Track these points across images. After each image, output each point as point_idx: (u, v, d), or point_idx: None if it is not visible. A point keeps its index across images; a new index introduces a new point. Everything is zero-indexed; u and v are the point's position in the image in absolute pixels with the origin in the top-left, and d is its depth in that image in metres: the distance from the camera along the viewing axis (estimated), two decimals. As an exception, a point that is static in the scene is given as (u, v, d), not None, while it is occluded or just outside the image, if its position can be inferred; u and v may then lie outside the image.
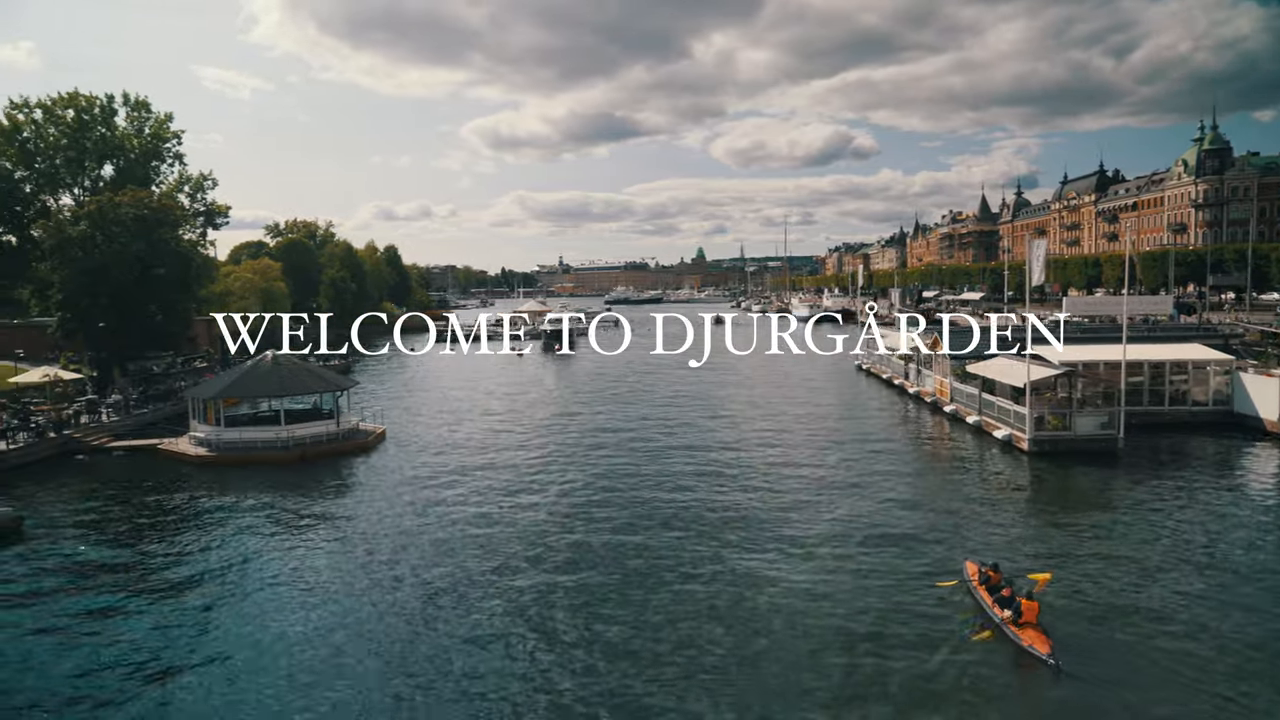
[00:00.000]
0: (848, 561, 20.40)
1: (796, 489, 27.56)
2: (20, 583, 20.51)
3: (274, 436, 34.80)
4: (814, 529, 23.11)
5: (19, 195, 69.13)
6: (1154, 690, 14.14)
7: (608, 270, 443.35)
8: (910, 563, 20.22)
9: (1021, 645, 15.24)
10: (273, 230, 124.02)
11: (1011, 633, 15.62)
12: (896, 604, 17.77)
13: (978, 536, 22.26)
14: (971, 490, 27.85)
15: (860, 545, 21.58)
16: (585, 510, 25.53)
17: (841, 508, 25.15)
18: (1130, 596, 18.06)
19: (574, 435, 38.11)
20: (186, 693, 14.80)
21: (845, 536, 22.33)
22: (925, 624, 16.80)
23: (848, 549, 21.32)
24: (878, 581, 19.07)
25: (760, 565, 20.28)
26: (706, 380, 58.45)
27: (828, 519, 24.04)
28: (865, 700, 14.04)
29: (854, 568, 19.97)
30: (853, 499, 26.12)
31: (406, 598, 18.85)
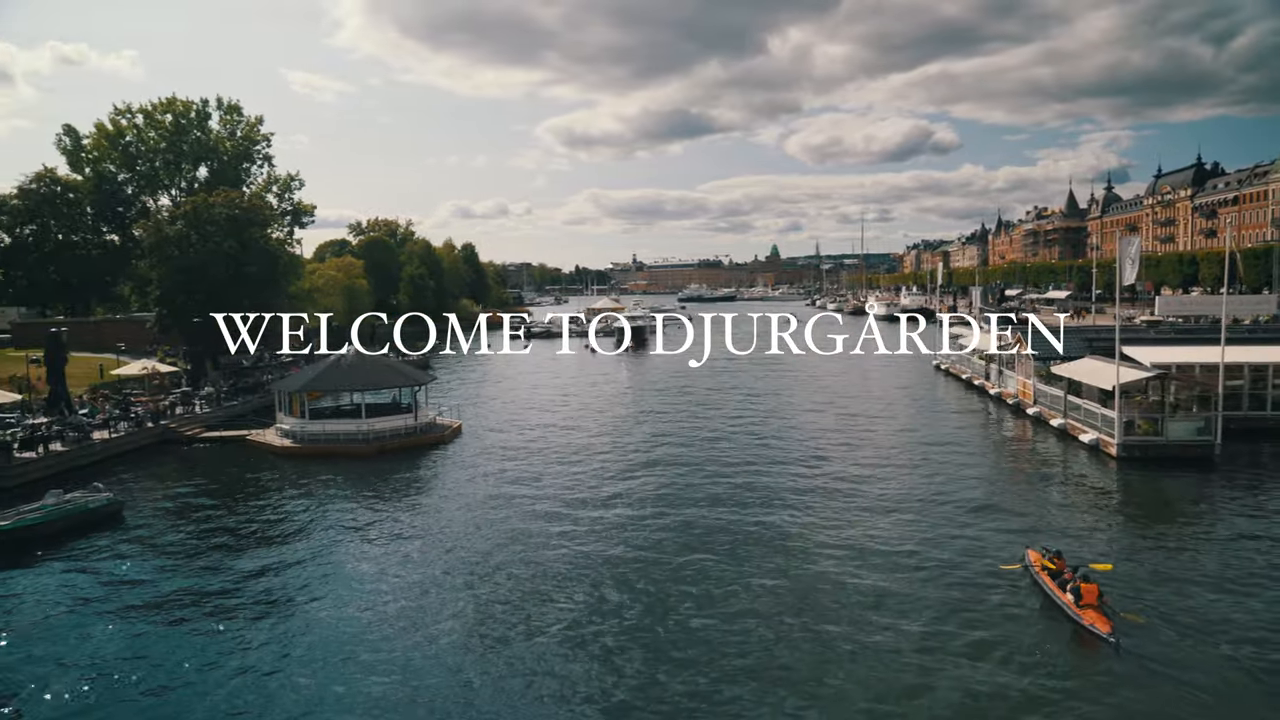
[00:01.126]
0: (921, 560, 19.96)
1: (871, 489, 27.06)
2: (120, 566, 21.55)
3: (354, 429, 35.82)
4: (888, 531, 22.66)
5: (121, 197, 72.79)
6: (1213, 673, 14.40)
7: (681, 268, 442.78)
8: (986, 563, 19.65)
9: (1082, 624, 15.83)
10: (355, 229, 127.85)
11: (1073, 613, 16.18)
12: (967, 594, 17.61)
13: (1061, 544, 21.48)
14: (1055, 495, 26.94)
15: (936, 546, 21.07)
16: (657, 505, 25.57)
17: (917, 509, 24.60)
18: (1214, 606, 17.22)
19: (647, 431, 38.21)
20: (269, 677, 15.32)
21: (921, 538, 21.84)
22: (990, 608, 17.54)
23: (923, 550, 20.84)
24: (949, 575, 18.68)
25: (833, 566, 19.98)
26: (780, 379, 57.91)
27: (902, 521, 23.54)
28: (934, 672, 14.83)
29: (926, 565, 19.52)
30: (929, 501, 25.53)
31: (480, 588, 19.16)
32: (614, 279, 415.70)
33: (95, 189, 71.39)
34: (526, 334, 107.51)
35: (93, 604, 19.00)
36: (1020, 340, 42.56)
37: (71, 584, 20.30)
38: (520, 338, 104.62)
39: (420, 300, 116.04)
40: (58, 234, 70.15)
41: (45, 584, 20.31)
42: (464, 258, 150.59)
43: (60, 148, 71.51)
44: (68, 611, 18.58)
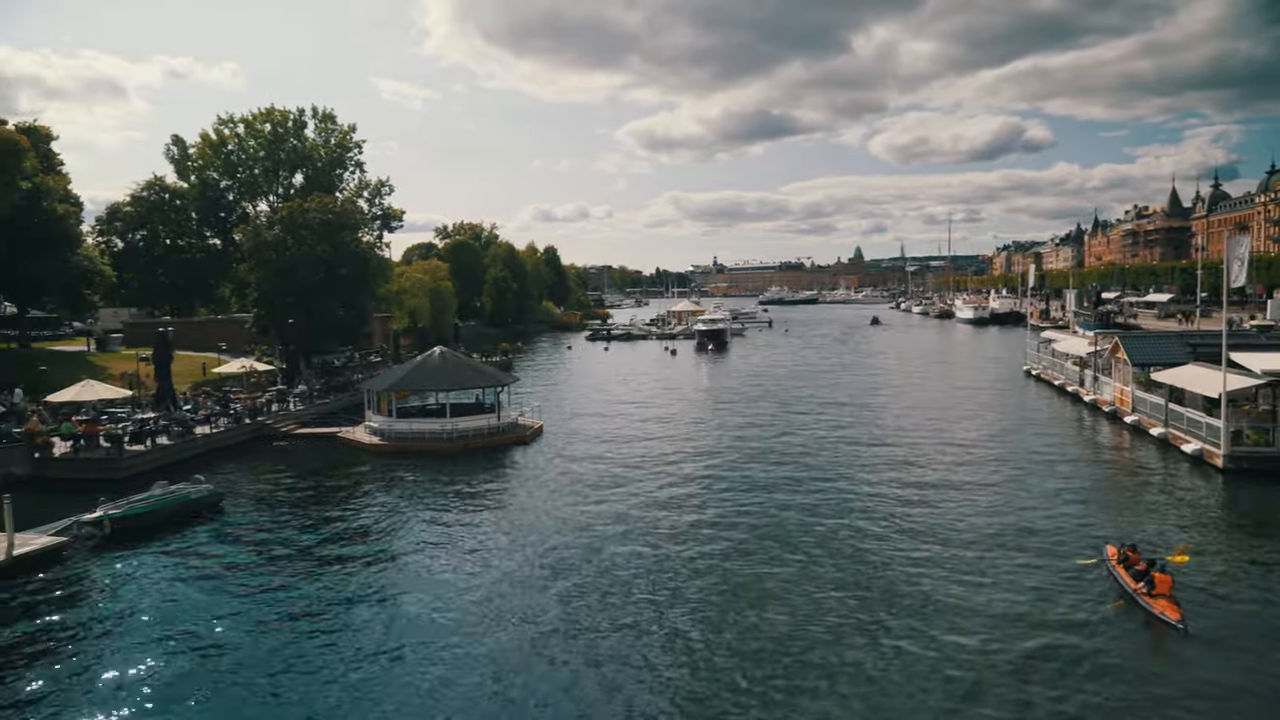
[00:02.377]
0: (1008, 570, 19.31)
1: (956, 497, 26.33)
2: (218, 554, 22.56)
3: (440, 428, 36.68)
4: (971, 534, 22.00)
5: (223, 203, 76.19)
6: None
7: (762, 270, 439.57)
8: (1083, 578, 18.89)
9: (1153, 611, 16.51)
10: (441, 232, 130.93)
11: (1144, 602, 16.85)
12: (1045, 589, 17.22)
13: (1158, 554, 20.49)
14: (1154, 505, 25.71)
15: (1025, 552, 20.37)
16: (735, 507, 25.43)
17: (1005, 517, 23.81)
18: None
19: (726, 433, 38.05)
20: (354, 666, 15.80)
21: (1008, 546, 21.13)
22: (1065, 600, 18.02)
23: (1011, 557, 20.16)
24: (1037, 580, 18.03)
25: (912, 566, 19.52)
26: (863, 381, 56.92)
27: (988, 531, 22.82)
28: (1004, 660, 14.90)
29: (1018, 580, 18.88)
30: (1018, 509, 24.67)
31: (560, 586, 19.36)
32: (694, 281, 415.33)
33: (200, 196, 74.88)
34: (606, 336, 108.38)
35: (193, 588, 19.93)
36: (1117, 345, 40.80)
37: (174, 569, 21.33)
38: (600, 340, 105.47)
39: (503, 303, 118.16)
40: (166, 239, 73.81)
41: (151, 568, 21.38)
42: (545, 260, 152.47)
43: (169, 157, 75.32)
44: (170, 594, 19.53)
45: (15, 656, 16.30)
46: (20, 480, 29.49)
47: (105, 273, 58.25)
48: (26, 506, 23.82)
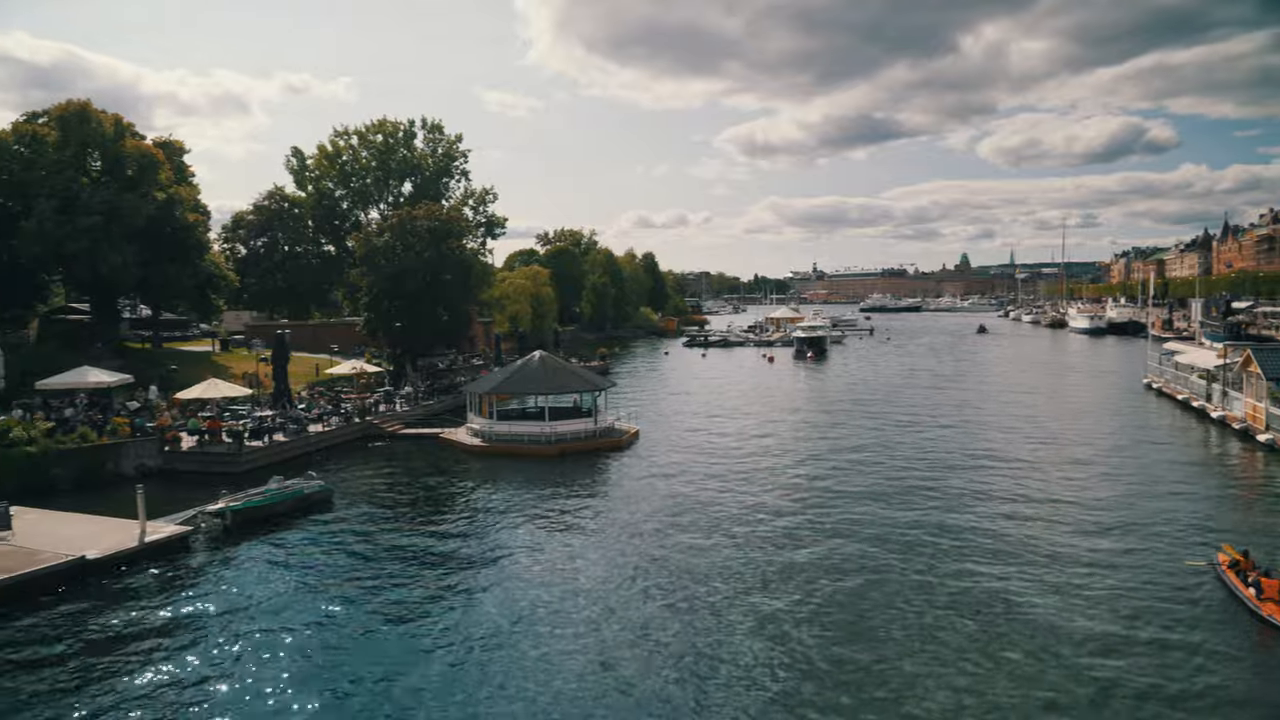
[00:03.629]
0: (1120, 588, 18.33)
1: (1070, 514, 25.15)
2: (328, 548, 23.51)
3: (538, 431, 37.30)
4: (1086, 563, 20.99)
5: (337, 211, 79.60)
6: None
7: (863, 277, 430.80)
8: (1209, 617, 17.78)
9: (1261, 615, 16.80)
10: (542, 239, 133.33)
11: (1253, 605, 17.12)
12: (1159, 597, 16.19)
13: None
14: (1290, 533, 23.98)
15: (1143, 568, 19.30)
16: (836, 521, 24.96)
17: (1120, 538, 22.61)
18: None
19: (825, 444, 37.40)
20: (452, 662, 16.20)
21: (1120, 565, 20.06)
22: (1175, 604, 18.40)
23: (1123, 576, 19.13)
24: (1148, 600, 17.05)
25: (1020, 576, 18.75)
26: (969, 393, 55.06)
27: (1101, 547, 21.71)
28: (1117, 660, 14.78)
29: (1128, 597, 17.91)
30: (1134, 528, 23.40)
31: (653, 592, 19.40)
32: (793, 288, 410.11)
33: (316, 204, 78.43)
34: (703, 342, 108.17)
35: (303, 578, 20.83)
36: (1250, 358, 38.23)
37: (287, 560, 22.35)
38: (697, 346, 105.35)
39: (601, 308, 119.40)
40: (284, 245, 77.50)
41: (266, 558, 22.45)
42: (644, 266, 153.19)
43: (288, 167, 79.29)
44: (283, 583, 20.46)
45: (144, 634, 17.37)
46: (151, 471, 31.48)
47: (229, 278, 61.55)
48: (156, 496, 25.38)
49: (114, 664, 16.06)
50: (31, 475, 28.80)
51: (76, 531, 22.76)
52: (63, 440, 31.04)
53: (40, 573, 19.81)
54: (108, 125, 46.09)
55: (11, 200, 43.18)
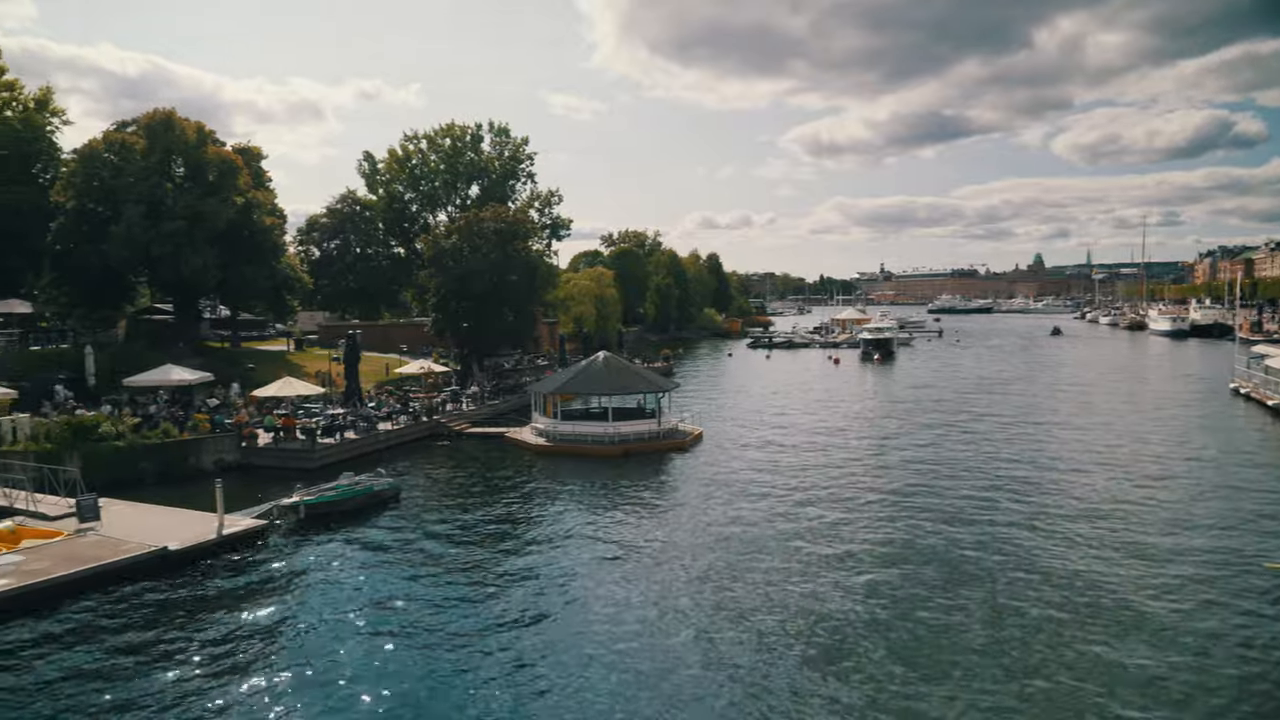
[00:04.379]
0: (1207, 602, 17.58)
1: (1151, 521, 24.24)
2: (397, 544, 23.99)
3: (602, 432, 37.47)
4: (1164, 563, 20.19)
5: (407, 214, 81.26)
6: None
7: (932, 278, 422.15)
8: None
9: None
10: (607, 240, 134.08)
11: None
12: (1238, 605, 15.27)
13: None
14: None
15: (1226, 584, 18.49)
16: (898, 523, 24.51)
17: (1202, 541, 21.69)
18: None
19: (892, 449, 36.75)
20: (515, 663, 16.36)
21: (1205, 571, 19.25)
22: None
23: (1212, 591, 18.35)
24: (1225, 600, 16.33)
25: (1094, 591, 18.13)
26: (1043, 398, 53.52)
27: (1187, 559, 20.86)
28: None
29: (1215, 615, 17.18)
30: (1217, 534, 22.42)
31: (715, 596, 19.31)
32: (860, 289, 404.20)
33: (387, 207, 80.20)
34: (768, 344, 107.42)
35: (372, 573, 21.29)
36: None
37: (357, 554, 22.87)
38: (761, 347, 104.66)
39: (665, 309, 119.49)
40: (356, 247, 79.46)
41: (337, 552, 23.02)
42: (708, 267, 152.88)
43: (360, 171, 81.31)
44: (352, 577, 20.95)
45: (222, 622, 17.97)
46: (229, 466, 32.58)
47: (304, 279, 63.33)
48: (234, 490, 26.24)
49: (193, 649, 16.65)
50: (119, 468, 30.08)
51: (159, 523, 23.68)
52: (148, 435, 32.34)
53: (126, 562, 20.66)
54: (191, 133, 47.83)
55: (102, 206, 45.14)
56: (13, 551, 21.11)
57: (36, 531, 23.00)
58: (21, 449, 30.04)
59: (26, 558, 20.57)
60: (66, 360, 40.89)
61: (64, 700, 14.68)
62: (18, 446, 30.40)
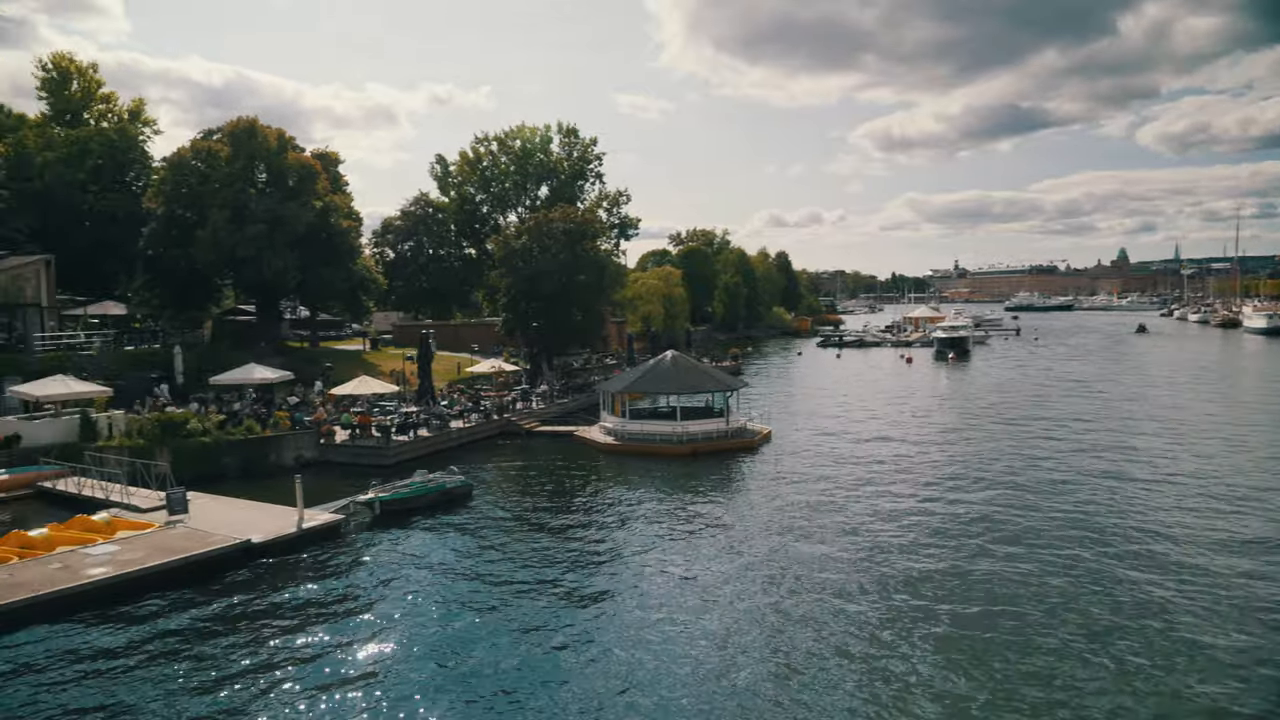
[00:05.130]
0: None
1: (1241, 531, 23.14)
2: (467, 540, 24.41)
3: (670, 431, 37.46)
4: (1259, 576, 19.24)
5: (478, 215, 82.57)
6: None
7: (1009, 274, 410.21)
8: None
9: None
10: (675, 239, 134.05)
11: None
12: None
13: None
14: None
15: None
16: (973, 528, 23.91)
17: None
18: None
19: (966, 452, 35.85)
20: (581, 661, 16.47)
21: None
22: None
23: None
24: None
25: (1175, 604, 17.37)
26: (1128, 400, 51.55)
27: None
28: None
29: None
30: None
31: (781, 598, 19.12)
32: (933, 286, 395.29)
33: (458, 209, 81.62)
34: (838, 342, 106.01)
35: (444, 568, 21.69)
36: None
37: (429, 550, 23.34)
38: (831, 346, 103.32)
39: (733, 308, 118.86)
40: (429, 249, 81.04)
41: (411, 548, 23.52)
42: (777, 266, 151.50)
43: (432, 174, 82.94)
44: (425, 572, 21.38)
45: (301, 612, 18.54)
46: (308, 463, 33.60)
47: (379, 280, 64.87)
48: (312, 485, 27.02)
49: (274, 638, 17.22)
50: (205, 464, 31.31)
51: (243, 516, 24.57)
52: (232, 432, 33.57)
53: (212, 553, 21.48)
54: (272, 139, 49.44)
55: (190, 211, 47.02)
56: (109, 541, 22.15)
57: (130, 523, 24.10)
58: (117, 444, 31.55)
59: (121, 548, 21.56)
60: (157, 360, 42.71)
61: (159, 682, 15.33)
62: (113, 442, 31.94)
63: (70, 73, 60.30)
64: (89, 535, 22.77)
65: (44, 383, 33.31)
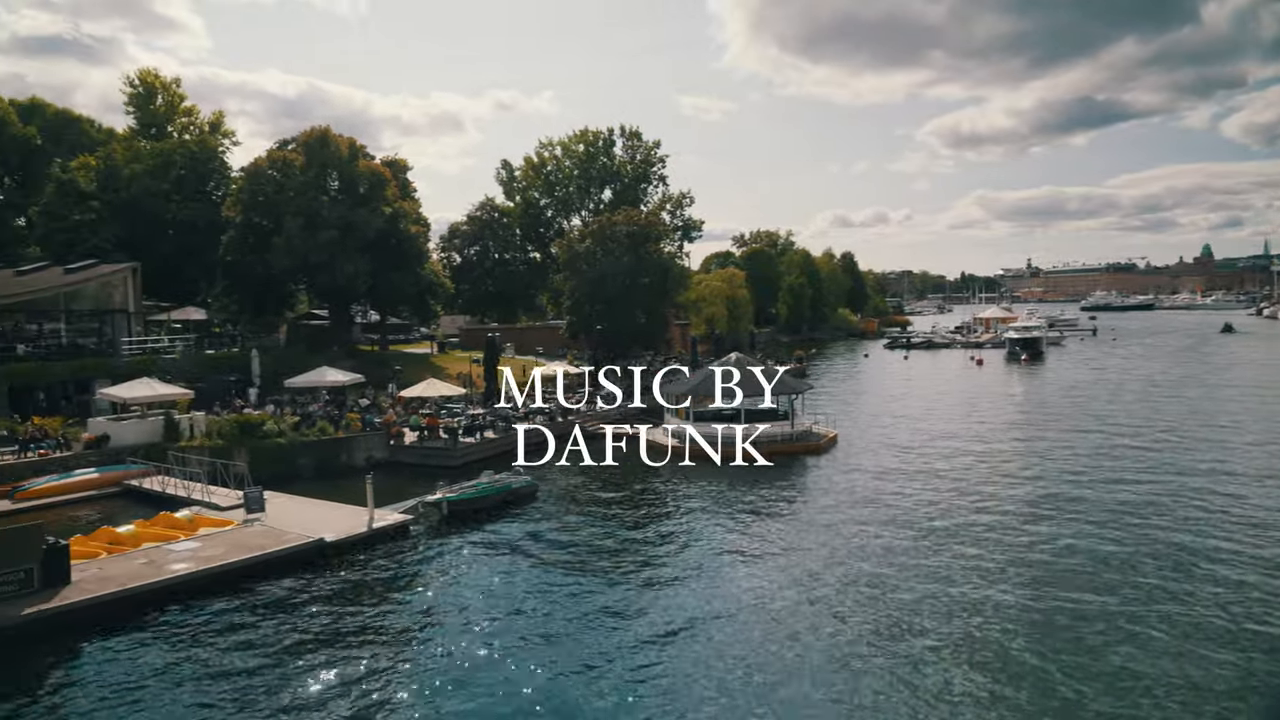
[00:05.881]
0: None
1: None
2: (533, 541, 24.63)
3: (734, 433, 37.16)
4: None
5: (543, 219, 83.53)
6: None
7: (1085, 273, 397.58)
8: None
9: None
10: (738, 240, 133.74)
11: None
12: None
13: None
14: None
15: None
16: (1053, 549, 23.14)
17: None
18: None
19: (1040, 459, 34.73)
20: (644, 663, 16.47)
21: None
22: None
23: None
24: None
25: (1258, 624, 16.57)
26: (1214, 404, 49.43)
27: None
28: None
29: None
30: None
31: (846, 606, 18.81)
32: (1004, 286, 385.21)
33: (523, 213, 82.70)
34: (906, 344, 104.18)
35: (509, 568, 21.92)
36: None
37: (495, 550, 23.60)
38: (899, 347, 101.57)
39: (798, 309, 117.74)
40: (494, 253, 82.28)
41: (478, 548, 23.82)
42: (842, 266, 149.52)
43: (497, 179, 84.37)
44: (491, 572, 21.62)
45: (373, 609, 18.96)
46: (378, 463, 34.34)
47: (446, 284, 66.05)
48: (382, 486, 27.61)
49: (347, 634, 17.62)
50: (280, 464, 32.25)
51: (316, 515, 25.23)
52: (306, 434, 34.53)
53: (288, 551, 22.11)
54: (344, 148, 50.77)
55: (266, 219, 48.58)
56: (191, 538, 22.98)
57: (210, 520, 24.97)
58: (198, 444, 32.74)
59: (202, 544, 22.35)
60: (235, 363, 44.22)
61: (235, 675, 15.83)
62: (195, 442, 33.14)
63: (155, 88, 62.95)
64: (172, 532, 23.66)
65: (131, 385, 34.76)
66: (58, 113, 66.46)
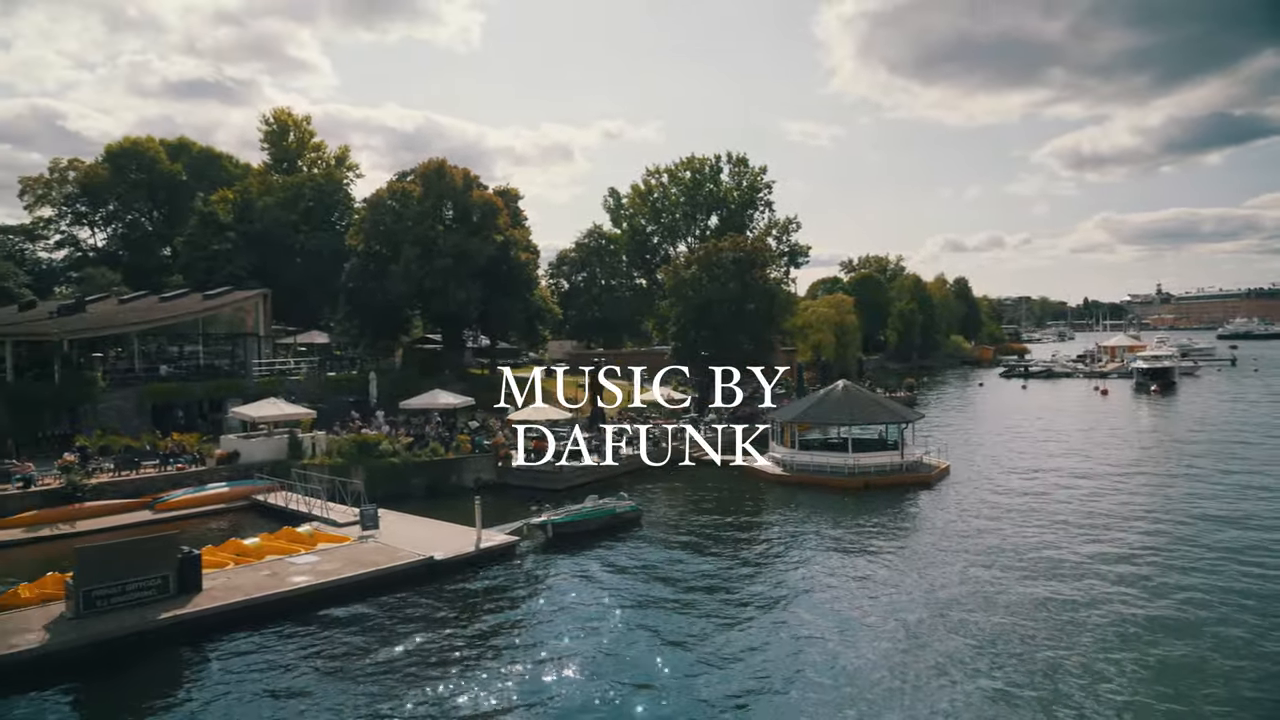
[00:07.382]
0: None
1: None
2: (636, 566, 24.64)
3: (841, 463, 36.40)
4: None
5: (649, 246, 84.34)
6: None
7: (1222, 299, 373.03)
8: None
9: None
10: (846, 266, 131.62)
11: None
12: None
13: None
14: None
15: None
16: (1180, 597, 21.60)
17: None
18: None
19: (1169, 499, 32.34)
20: (743, 688, 16.17)
21: None
22: None
23: None
24: None
25: None
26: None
27: None
28: None
29: None
30: None
31: (953, 646, 18.04)
32: (1131, 313, 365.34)
33: (629, 240, 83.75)
34: (1024, 373, 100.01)
35: (613, 591, 21.97)
36: None
37: (599, 574, 23.72)
38: (1016, 376, 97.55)
39: (908, 336, 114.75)
40: (601, 279, 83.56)
41: (581, 571, 23.99)
42: (955, 292, 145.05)
43: (605, 207, 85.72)
44: (594, 597, 21.73)
45: (479, 627, 19.33)
46: (486, 485, 35.11)
47: (554, 310, 67.40)
48: (489, 507, 28.20)
49: (453, 651, 18.02)
50: (394, 483, 33.42)
51: (426, 534, 25.98)
52: (418, 454, 35.67)
53: (400, 568, 22.83)
54: (458, 179, 52.67)
55: (385, 247, 50.79)
56: (310, 552, 24.02)
57: (328, 536, 26.04)
58: (319, 463, 34.26)
59: (321, 559, 23.31)
60: (355, 385, 46.20)
61: (349, 684, 16.40)
62: (315, 461, 34.70)
63: (288, 125, 67.03)
64: (294, 546, 24.79)
65: (259, 405, 36.78)
66: (201, 150, 71.55)
